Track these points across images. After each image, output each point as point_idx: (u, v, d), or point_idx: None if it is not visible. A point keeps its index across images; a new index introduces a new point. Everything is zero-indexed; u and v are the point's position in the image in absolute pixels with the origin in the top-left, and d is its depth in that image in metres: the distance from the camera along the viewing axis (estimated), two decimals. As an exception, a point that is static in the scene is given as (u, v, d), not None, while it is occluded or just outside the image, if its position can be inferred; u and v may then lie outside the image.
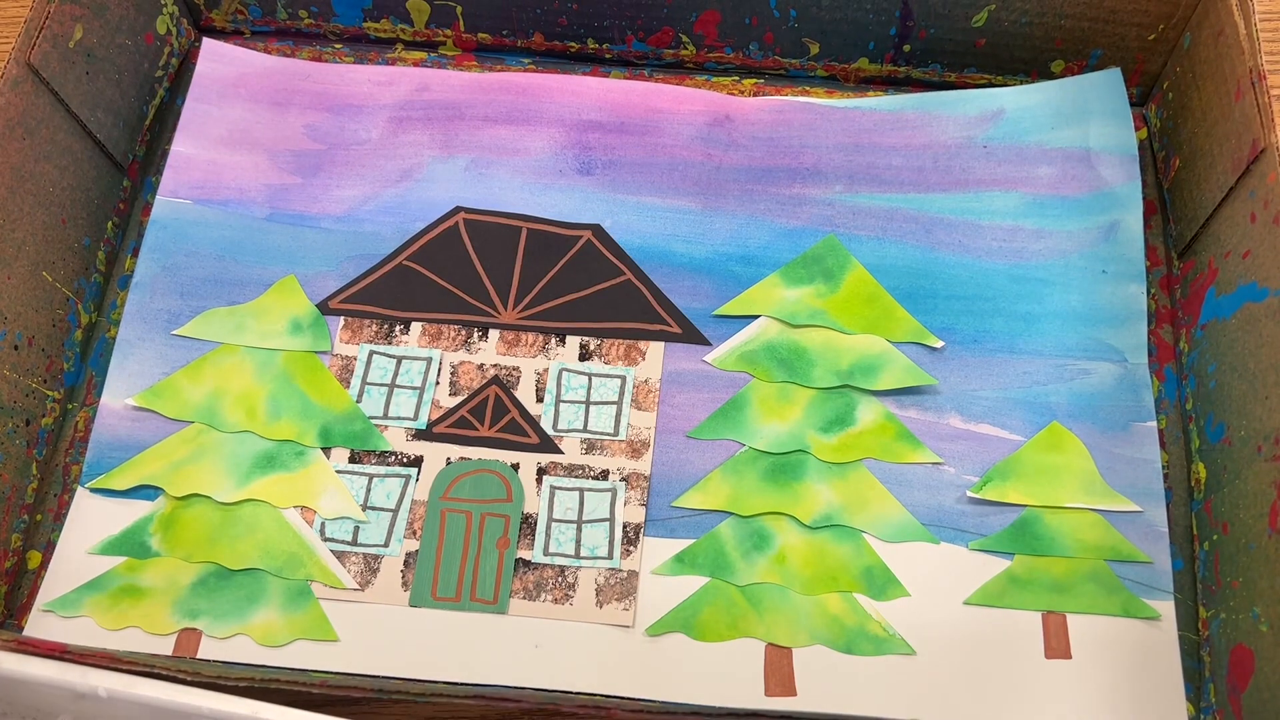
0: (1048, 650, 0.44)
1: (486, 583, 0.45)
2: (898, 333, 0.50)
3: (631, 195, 0.53)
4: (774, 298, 0.50)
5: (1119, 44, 0.53)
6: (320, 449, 0.47)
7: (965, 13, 0.53)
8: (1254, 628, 0.41)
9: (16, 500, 0.46)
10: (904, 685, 0.43)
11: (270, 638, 0.44)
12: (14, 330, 0.46)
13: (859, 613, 0.44)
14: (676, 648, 0.44)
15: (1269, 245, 0.43)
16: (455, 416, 0.48)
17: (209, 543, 0.45)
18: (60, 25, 0.48)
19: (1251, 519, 0.42)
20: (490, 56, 0.58)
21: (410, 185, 0.53)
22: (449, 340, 0.50)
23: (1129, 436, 0.48)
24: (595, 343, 0.50)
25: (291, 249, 0.52)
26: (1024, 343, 0.49)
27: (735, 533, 0.46)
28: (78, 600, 0.44)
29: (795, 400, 0.48)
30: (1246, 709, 0.40)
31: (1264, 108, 0.44)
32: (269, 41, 0.58)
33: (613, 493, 0.47)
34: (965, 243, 0.52)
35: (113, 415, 0.48)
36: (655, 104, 0.55)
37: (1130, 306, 0.50)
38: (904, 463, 0.47)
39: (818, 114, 0.55)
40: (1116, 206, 0.52)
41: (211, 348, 0.49)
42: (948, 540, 0.46)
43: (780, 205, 0.53)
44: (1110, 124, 0.53)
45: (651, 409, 0.48)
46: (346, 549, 0.46)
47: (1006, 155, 0.53)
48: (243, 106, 0.55)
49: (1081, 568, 0.45)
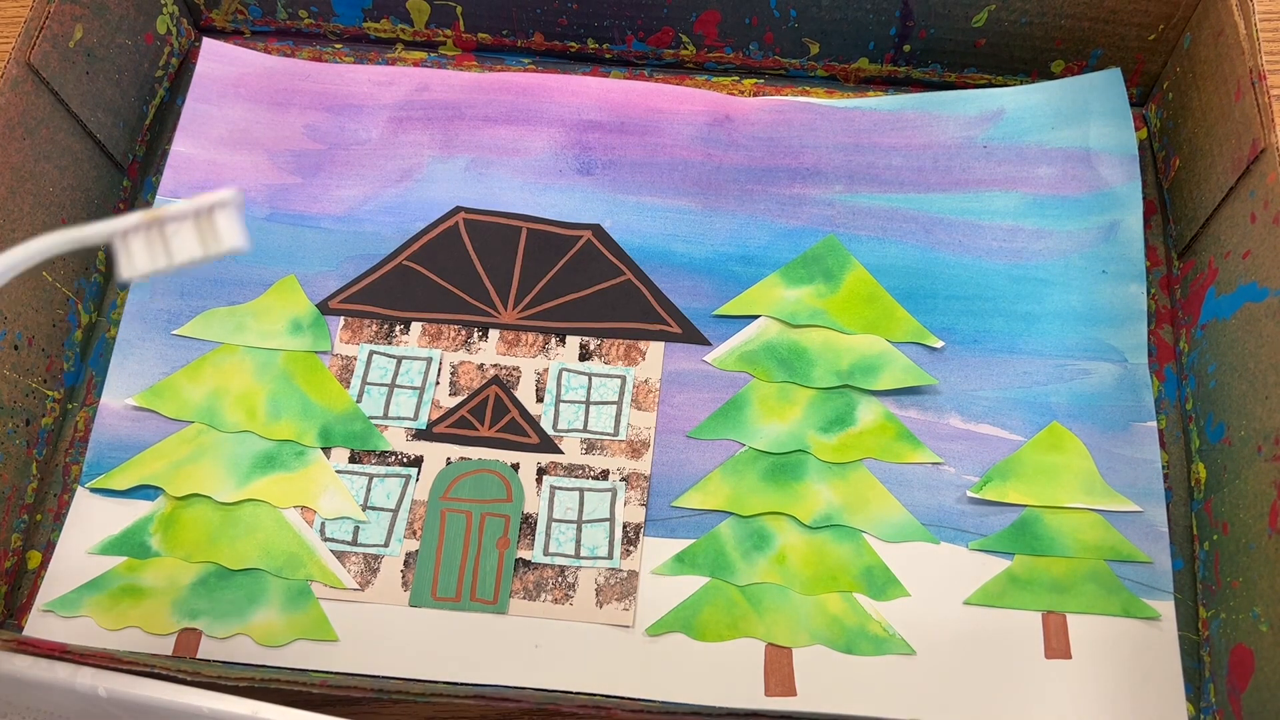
0: (1048, 650, 0.44)
1: (486, 583, 0.45)
2: (898, 333, 0.50)
3: (631, 195, 0.53)
4: (774, 298, 0.50)
5: (1119, 44, 0.53)
6: (320, 449, 0.47)
7: (965, 13, 0.53)
8: (1254, 628, 0.41)
9: (16, 500, 0.46)
10: (904, 685, 0.43)
11: (270, 638, 0.44)
12: (14, 330, 0.46)
13: (859, 613, 0.44)
14: (676, 648, 0.44)
15: (1269, 245, 0.43)
16: (455, 416, 0.48)
17: (209, 543, 0.45)
18: (60, 25, 0.48)
19: (1251, 519, 0.42)
20: (490, 56, 0.58)
21: (410, 185, 0.53)
22: (449, 340, 0.50)
23: (1129, 436, 0.48)
24: (595, 343, 0.50)
25: (291, 249, 0.52)
26: (1024, 343, 0.49)
27: (735, 533, 0.46)
28: (78, 600, 0.44)
29: (795, 400, 0.48)
30: (1246, 709, 0.40)
31: (1264, 108, 0.44)
32: (269, 41, 0.58)
33: (613, 493, 0.47)
34: (965, 243, 0.52)
35: (113, 415, 0.48)
36: (655, 104, 0.55)
37: (1130, 306, 0.50)
38: (904, 463, 0.47)
39: (818, 114, 0.55)
40: (1116, 206, 0.52)
41: (211, 348, 0.49)
42: (948, 540, 0.46)
43: (780, 205, 0.53)
44: (1110, 124, 0.53)
45: (651, 409, 0.48)
46: (346, 549, 0.46)
47: (1006, 155, 0.53)
48: (243, 106, 0.55)
49: (1081, 568, 0.45)
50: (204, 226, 0.29)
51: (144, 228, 0.29)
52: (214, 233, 0.29)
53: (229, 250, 0.29)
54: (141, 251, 0.29)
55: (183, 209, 0.29)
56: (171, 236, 0.29)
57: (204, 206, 0.29)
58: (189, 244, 0.29)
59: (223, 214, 0.29)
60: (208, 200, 0.29)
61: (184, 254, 0.29)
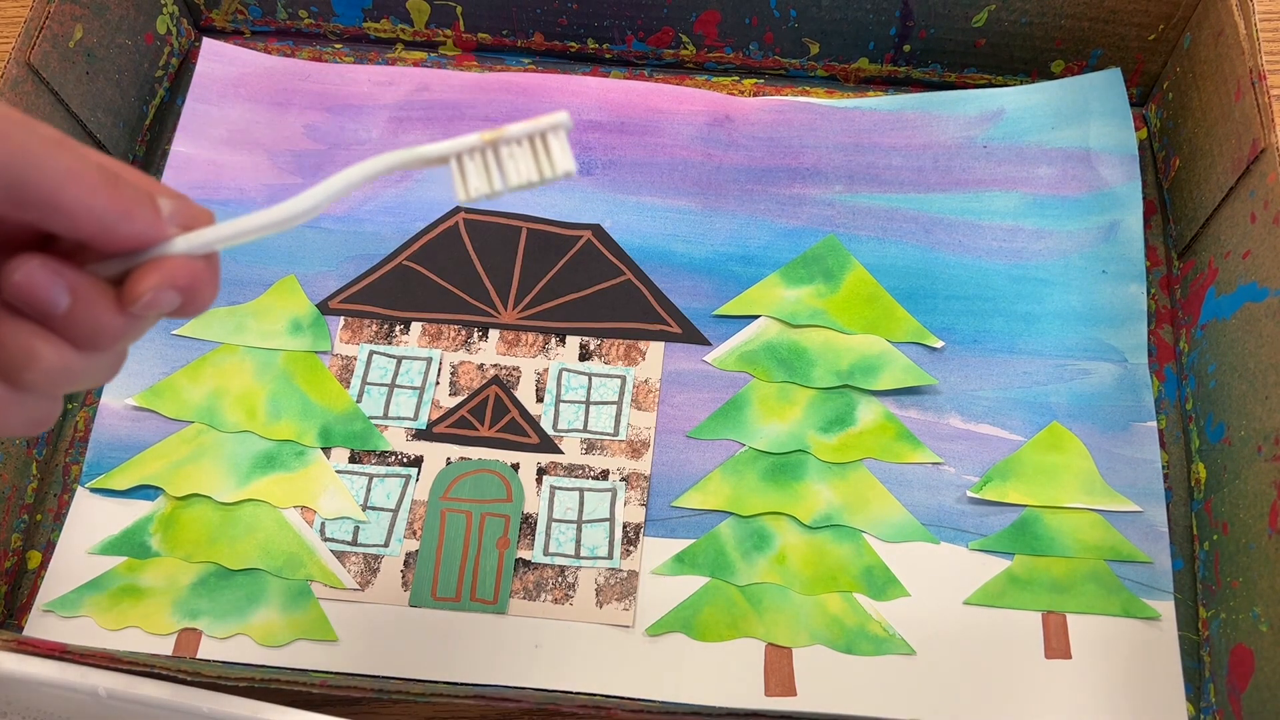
0: (1048, 650, 0.44)
1: (486, 583, 0.45)
2: (898, 333, 0.50)
3: (631, 195, 0.53)
4: (774, 298, 0.51)
5: (1119, 44, 0.53)
6: (320, 449, 0.47)
7: (965, 13, 0.53)
8: (1254, 628, 0.41)
9: (16, 500, 0.46)
10: (904, 685, 0.43)
11: (270, 638, 0.44)
12: (14, 330, 0.46)
13: (859, 613, 0.44)
14: (676, 648, 0.44)
15: (1269, 245, 0.43)
16: (455, 416, 0.48)
17: (209, 543, 0.45)
18: (60, 25, 0.48)
19: (1251, 519, 0.42)
20: (490, 56, 0.58)
21: (410, 185, 0.53)
22: (449, 340, 0.50)
23: (1129, 436, 0.48)
24: (595, 343, 0.50)
25: (291, 249, 0.52)
26: (1024, 343, 0.49)
27: (735, 533, 0.46)
28: (78, 600, 0.44)
29: (795, 400, 0.48)
30: (1246, 709, 0.40)
31: (1264, 108, 0.44)
32: (269, 41, 0.58)
33: (613, 493, 0.47)
34: (965, 243, 0.52)
35: (113, 415, 0.48)
36: (655, 104, 0.55)
37: (1130, 306, 0.50)
38: (904, 463, 0.47)
39: (818, 114, 0.55)
40: (1116, 206, 0.52)
41: (211, 348, 0.49)
42: (948, 540, 0.46)
43: (780, 205, 0.53)
44: (1110, 124, 0.53)
45: (651, 409, 0.48)
46: (346, 549, 0.46)
47: (1006, 155, 0.53)
48: (243, 106, 0.55)
49: (1081, 568, 0.45)
50: (539, 149, 0.28)
51: (480, 149, 0.28)
52: (549, 156, 0.28)
53: (562, 174, 0.28)
54: (477, 174, 0.28)
55: (520, 130, 0.28)
56: (506, 159, 0.28)
57: (540, 128, 0.28)
58: (524, 167, 0.28)
59: (555, 137, 0.28)
60: (543, 122, 0.28)
61: (518, 177, 0.28)
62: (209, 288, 0.27)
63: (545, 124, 0.28)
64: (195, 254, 0.27)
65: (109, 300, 0.26)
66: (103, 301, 0.26)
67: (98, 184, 0.25)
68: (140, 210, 0.26)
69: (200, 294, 0.27)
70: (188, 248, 0.26)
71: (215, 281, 0.27)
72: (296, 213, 0.27)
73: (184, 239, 0.26)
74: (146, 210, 0.26)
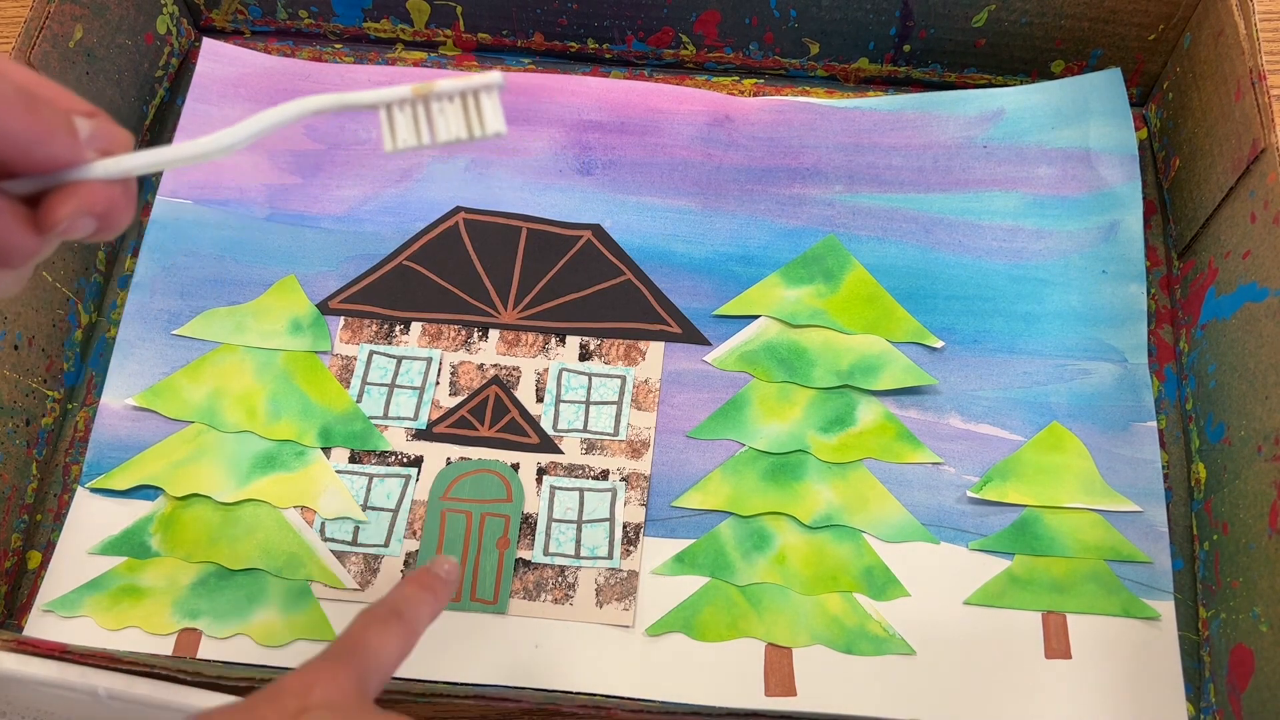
0: (1048, 650, 0.44)
1: (486, 583, 0.45)
2: (898, 333, 0.50)
3: (631, 195, 0.53)
4: (774, 298, 0.50)
5: (1119, 44, 0.53)
6: (320, 449, 0.47)
7: (965, 13, 0.53)
8: (1254, 628, 0.41)
9: (16, 500, 0.46)
10: (904, 685, 0.43)
11: (270, 638, 0.44)
12: (14, 330, 0.46)
13: (859, 613, 0.44)
14: (676, 648, 0.44)
15: (1269, 245, 0.43)
16: (455, 416, 0.48)
17: (209, 543, 0.45)
18: (60, 25, 0.48)
19: (1251, 519, 0.42)
20: (490, 56, 0.58)
21: (410, 185, 0.53)
22: (449, 340, 0.50)
23: (1129, 436, 0.48)
24: (595, 343, 0.50)
25: (291, 249, 0.52)
26: (1024, 343, 0.49)
27: (735, 533, 0.46)
28: (78, 600, 0.44)
29: (795, 400, 0.48)
30: (1246, 709, 0.40)
31: (1264, 108, 0.44)
32: (269, 41, 0.58)
33: (613, 493, 0.47)
34: (965, 243, 0.52)
35: (113, 415, 0.48)
36: (655, 104, 0.55)
37: (1130, 306, 0.50)
38: (904, 463, 0.47)
39: (818, 114, 0.55)
40: (1116, 206, 0.52)
41: (211, 348, 0.49)
42: (948, 540, 0.46)
43: (780, 205, 0.53)
44: (1110, 124, 0.53)
45: (651, 409, 0.48)
46: (346, 549, 0.46)
47: (1006, 155, 0.53)
48: (243, 106, 0.55)
49: (1081, 568, 0.45)
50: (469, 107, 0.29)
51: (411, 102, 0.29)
52: (479, 115, 0.29)
53: (492, 134, 0.29)
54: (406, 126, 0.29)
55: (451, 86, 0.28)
56: (437, 115, 0.29)
57: (471, 86, 0.29)
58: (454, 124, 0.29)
59: (487, 97, 0.29)
60: (475, 80, 0.29)
61: (447, 133, 0.29)
62: (124, 214, 0.27)
63: (477, 82, 0.29)
64: (112, 179, 0.27)
65: (22, 220, 0.26)
66: (15, 222, 0.25)
67: (16, 106, 0.24)
68: (58, 134, 0.25)
69: (115, 220, 0.27)
70: (105, 173, 0.26)
71: (131, 208, 0.27)
72: (214, 148, 0.28)
73: (101, 164, 0.26)
74: (64, 134, 0.26)
